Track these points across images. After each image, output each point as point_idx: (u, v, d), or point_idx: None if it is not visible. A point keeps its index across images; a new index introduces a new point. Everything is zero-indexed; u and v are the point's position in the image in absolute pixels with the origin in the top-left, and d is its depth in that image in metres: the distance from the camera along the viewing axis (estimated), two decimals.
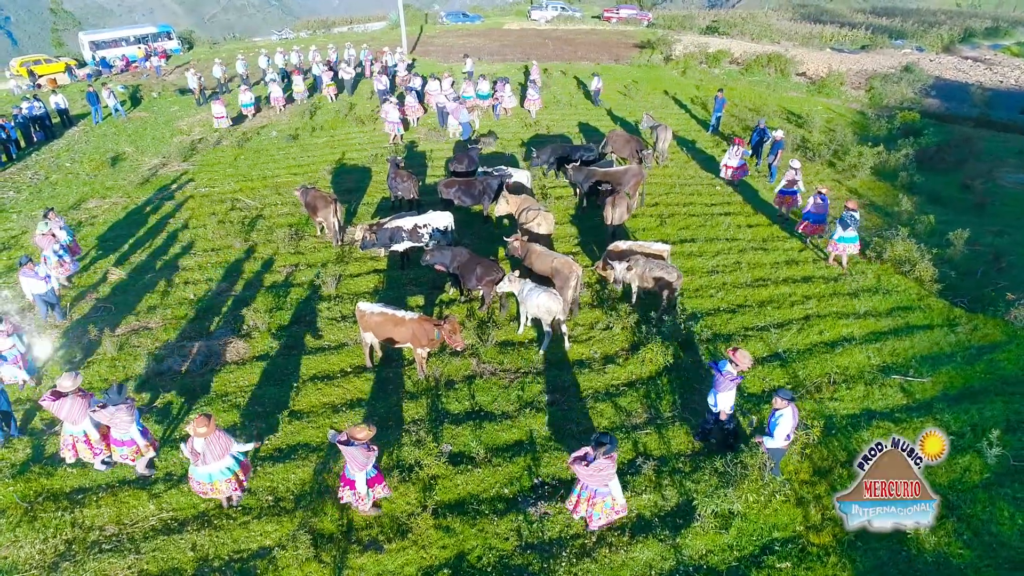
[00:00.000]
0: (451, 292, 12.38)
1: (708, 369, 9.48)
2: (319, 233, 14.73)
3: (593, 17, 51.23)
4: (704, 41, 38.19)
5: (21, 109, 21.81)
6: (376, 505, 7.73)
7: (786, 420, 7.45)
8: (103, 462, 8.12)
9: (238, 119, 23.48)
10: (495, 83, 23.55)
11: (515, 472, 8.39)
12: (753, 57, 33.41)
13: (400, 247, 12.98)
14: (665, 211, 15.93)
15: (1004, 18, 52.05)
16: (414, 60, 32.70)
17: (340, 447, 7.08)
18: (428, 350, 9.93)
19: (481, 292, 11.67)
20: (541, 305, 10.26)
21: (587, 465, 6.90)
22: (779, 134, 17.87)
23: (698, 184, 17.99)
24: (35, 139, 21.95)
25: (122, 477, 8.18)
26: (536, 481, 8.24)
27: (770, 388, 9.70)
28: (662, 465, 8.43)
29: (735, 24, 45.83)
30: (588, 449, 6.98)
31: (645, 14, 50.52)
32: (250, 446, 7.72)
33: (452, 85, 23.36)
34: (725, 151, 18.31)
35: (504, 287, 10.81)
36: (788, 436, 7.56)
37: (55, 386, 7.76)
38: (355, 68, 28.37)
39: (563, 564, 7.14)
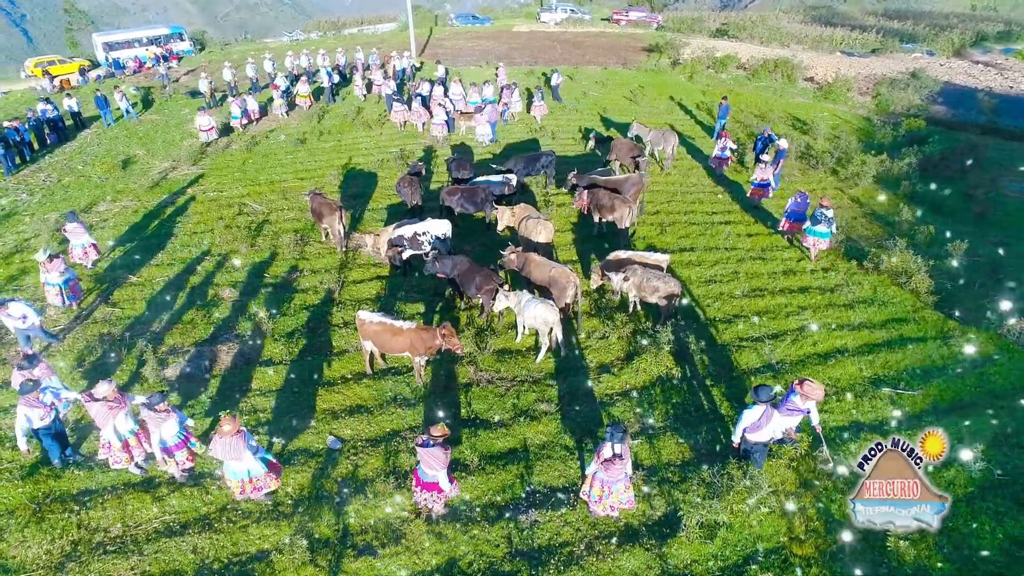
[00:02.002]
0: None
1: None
2: (324, 239, 14.99)
3: (602, 19, 51.26)
4: (712, 45, 38.17)
5: (35, 112, 22.22)
6: (446, 504, 8.01)
7: (750, 416, 7.84)
8: (136, 465, 8.38)
9: (226, 130, 23.20)
10: (501, 88, 23.71)
11: (508, 480, 8.60)
12: (760, 62, 33.36)
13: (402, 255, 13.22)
14: (666, 219, 16.06)
15: (1018, 21, 51.45)
16: (422, 64, 32.94)
17: (419, 449, 7.32)
18: (426, 358, 10.16)
19: (480, 300, 11.88)
20: (538, 316, 10.44)
21: (616, 463, 7.27)
22: (783, 143, 17.96)
23: (700, 192, 18.10)
24: (48, 141, 22.32)
25: (127, 480, 8.46)
26: (528, 489, 8.45)
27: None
28: (651, 475, 8.62)
29: (745, 27, 45.69)
30: (609, 447, 7.31)
31: (655, 16, 50.42)
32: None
33: (467, 89, 23.59)
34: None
35: (500, 305, 10.98)
36: (745, 430, 7.92)
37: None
38: (338, 74, 28.45)
39: (551, 571, 7.34)
